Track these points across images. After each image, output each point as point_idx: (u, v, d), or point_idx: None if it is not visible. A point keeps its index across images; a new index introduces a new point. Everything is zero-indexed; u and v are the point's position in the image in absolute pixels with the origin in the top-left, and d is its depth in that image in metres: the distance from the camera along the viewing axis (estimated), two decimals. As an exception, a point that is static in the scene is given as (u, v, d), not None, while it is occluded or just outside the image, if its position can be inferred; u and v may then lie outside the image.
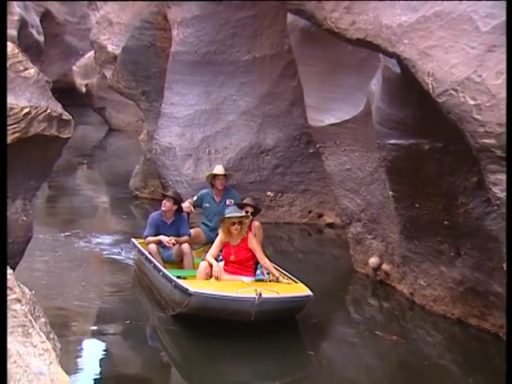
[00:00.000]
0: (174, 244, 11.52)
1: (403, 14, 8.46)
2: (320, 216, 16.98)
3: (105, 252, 15.65)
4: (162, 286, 10.52)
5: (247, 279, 10.02)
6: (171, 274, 10.56)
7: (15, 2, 24.52)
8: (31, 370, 3.60)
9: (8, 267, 4.53)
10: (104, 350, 10.30)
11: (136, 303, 11.98)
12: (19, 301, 4.21)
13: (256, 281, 10.18)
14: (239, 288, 9.32)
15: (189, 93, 16.77)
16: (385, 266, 12.65)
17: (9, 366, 3.48)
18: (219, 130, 16.75)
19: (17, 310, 4.12)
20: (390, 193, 11.50)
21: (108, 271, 14.27)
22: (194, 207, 12.45)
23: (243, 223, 10.28)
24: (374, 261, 12.83)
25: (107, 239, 16.77)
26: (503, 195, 7.79)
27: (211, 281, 10.00)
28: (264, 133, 16.78)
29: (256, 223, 11.40)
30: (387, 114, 10.89)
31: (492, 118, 7.67)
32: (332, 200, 14.70)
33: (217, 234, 11.09)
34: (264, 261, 10.34)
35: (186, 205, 12.17)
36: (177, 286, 9.68)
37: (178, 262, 11.56)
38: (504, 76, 7.65)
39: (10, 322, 4.00)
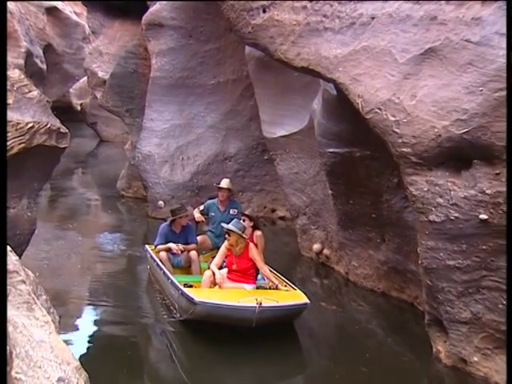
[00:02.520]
0: (182, 251, 10.88)
1: (338, 48, 8.46)
2: (273, 211, 16.96)
3: (97, 242, 15.60)
4: (171, 292, 9.69)
5: (249, 287, 9.18)
6: (180, 279, 9.90)
7: (23, 37, 24.29)
8: (34, 339, 3.59)
9: (15, 254, 4.54)
10: (97, 322, 10.21)
11: (137, 296, 11.63)
12: (24, 282, 4.18)
13: (257, 288, 9.36)
14: (241, 297, 8.48)
15: (165, 110, 16.68)
16: (325, 251, 12.72)
17: (16, 335, 3.47)
18: (190, 140, 16.66)
19: (22, 290, 4.09)
20: (329, 191, 11.57)
21: (99, 258, 14.16)
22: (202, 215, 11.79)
23: (238, 240, 9.31)
24: (316, 247, 12.90)
25: (98, 231, 16.72)
26: (417, 193, 7.84)
27: (215, 289, 9.17)
28: (227, 143, 16.73)
29: (258, 233, 10.45)
30: (326, 127, 10.95)
31: (408, 132, 7.70)
32: (283, 198, 14.74)
33: (222, 240, 10.49)
34: (264, 270, 9.44)
35: (198, 215, 11.56)
36: (183, 294, 8.89)
37: (186, 268, 10.89)
38: (416, 98, 7.65)
39: (17, 299, 3.97)
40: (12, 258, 4.37)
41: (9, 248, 4.50)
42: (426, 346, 8.50)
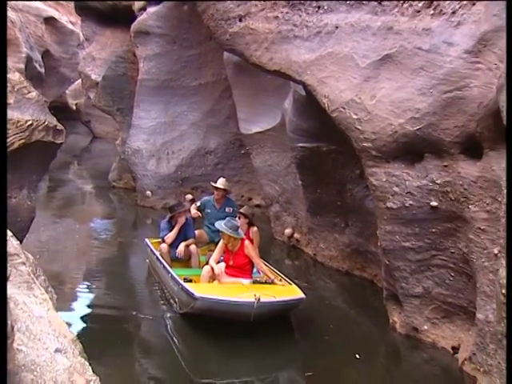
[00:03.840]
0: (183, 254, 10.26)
1: (306, 54, 8.50)
2: (250, 199, 16.88)
3: (91, 228, 15.51)
4: (171, 286, 9.01)
5: (246, 281, 8.59)
6: (179, 272, 9.23)
7: (23, 44, 24.16)
8: (33, 314, 3.59)
9: (16, 239, 4.53)
10: (91, 301, 10.09)
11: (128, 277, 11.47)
12: (24, 264, 4.17)
13: (253, 282, 8.77)
14: (240, 293, 7.86)
15: (152, 109, 16.59)
16: (296, 235, 12.73)
17: (17, 311, 3.45)
18: (175, 136, 16.59)
19: (22, 271, 4.09)
20: (299, 182, 11.58)
21: (93, 241, 14.07)
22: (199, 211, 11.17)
23: (234, 239, 8.70)
24: (288, 231, 12.91)
25: (92, 218, 16.59)
26: (377, 183, 7.89)
27: (214, 284, 8.60)
28: (208, 139, 16.66)
29: (254, 229, 9.82)
30: (297, 124, 10.98)
31: (368, 128, 7.75)
32: (258, 187, 14.72)
33: (217, 235, 9.99)
34: (260, 266, 8.85)
35: (194, 211, 10.92)
36: (183, 289, 8.25)
37: (185, 261, 10.31)
38: (376, 98, 7.70)
39: (17, 279, 3.96)
40: (13, 243, 4.37)
41: (10, 233, 4.50)
42: (383, 317, 8.59)
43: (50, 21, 28.88)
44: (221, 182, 11.14)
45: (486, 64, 6.75)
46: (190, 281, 8.87)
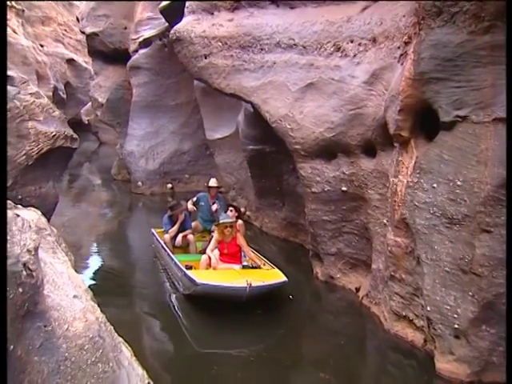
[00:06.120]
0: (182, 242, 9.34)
1: (253, 81, 8.51)
2: None
3: (98, 209, 15.29)
4: (175, 271, 8.11)
5: (237, 266, 7.72)
6: (180, 258, 8.34)
7: (51, 78, 23.93)
8: (57, 271, 3.55)
9: (44, 217, 4.45)
10: (100, 261, 10.02)
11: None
12: (50, 235, 4.14)
13: (243, 267, 7.82)
14: (234, 279, 7.03)
15: (142, 122, 16.40)
16: (247, 213, 12.45)
17: (46, 269, 3.39)
18: (158, 142, 16.40)
19: (49, 240, 4.05)
20: (249, 174, 11.53)
21: (103, 220, 13.93)
22: (194, 205, 10.16)
23: (233, 226, 7.90)
24: (241, 210, 12.86)
25: (99, 202, 16.38)
26: (304, 174, 7.91)
27: (211, 271, 7.61)
28: (183, 143, 16.50)
29: (240, 222, 8.71)
30: (247, 132, 10.94)
31: (298, 135, 7.78)
32: (219, 178, 14.39)
33: (209, 224, 9.54)
34: (249, 253, 7.98)
35: (190, 206, 9.92)
36: (186, 276, 7.39)
37: (184, 247, 9.29)
38: (303, 114, 7.70)
39: (46, 246, 3.89)
40: (42, 220, 4.30)
41: (40, 213, 4.48)
42: (309, 269, 8.64)
43: (70, 61, 29.46)
44: (213, 182, 10.24)
45: (377, 91, 6.87)
46: (191, 267, 7.97)
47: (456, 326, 5.41)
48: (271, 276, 7.43)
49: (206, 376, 5.52)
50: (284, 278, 7.35)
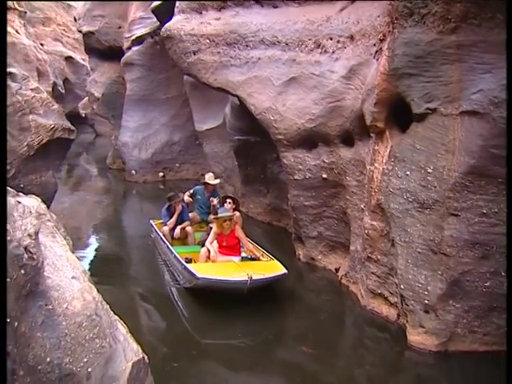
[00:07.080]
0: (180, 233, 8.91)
1: (239, 76, 8.46)
2: (202, 175, 16.54)
3: (95, 196, 15.13)
4: (174, 264, 7.64)
5: (236, 258, 7.28)
6: (179, 250, 7.87)
7: (51, 74, 23.70)
8: (56, 254, 3.54)
9: (44, 204, 4.40)
10: (97, 245, 10.00)
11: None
12: (49, 220, 4.08)
13: (242, 259, 7.41)
14: (235, 272, 6.59)
15: (135, 115, 16.26)
16: None
17: (46, 252, 3.34)
18: (151, 133, 16.29)
19: (48, 225, 3.99)
20: (236, 163, 11.48)
21: (99, 207, 13.83)
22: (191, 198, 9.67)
23: (231, 219, 7.39)
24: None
25: (96, 189, 16.20)
26: (287, 162, 7.89)
27: (211, 264, 7.13)
28: (173, 134, 16.39)
29: (237, 213, 7.97)
30: (233, 123, 10.89)
31: (281, 126, 7.77)
32: (208, 167, 14.27)
33: (206, 215, 9.28)
34: (248, 245, 7.49)
35: (187, 198, 9.39)
36: (186, 269, 6.92)
37: (183, 239, 8.87)
38: (286, 106, 7.66)
39: (46, 231, 3.81)
40: (42, 206, 4.26)
41: (40, 200, 4.42)
42: (292, 251, 8.63)
43: (68, 59, 29.33)
44: (211, 178, 9.60)
45: (354, 85, 6.90)
46: (191, 260, 7.49)
47: (426, 301, 5.52)
48: (271, 268, 6.98)
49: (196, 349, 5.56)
50: (284, 270, 6.92)
